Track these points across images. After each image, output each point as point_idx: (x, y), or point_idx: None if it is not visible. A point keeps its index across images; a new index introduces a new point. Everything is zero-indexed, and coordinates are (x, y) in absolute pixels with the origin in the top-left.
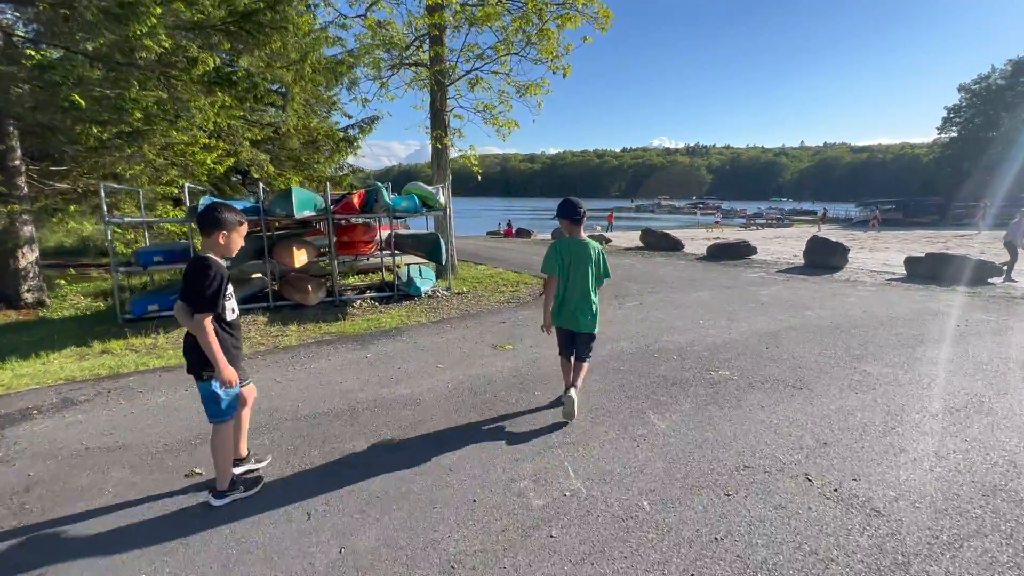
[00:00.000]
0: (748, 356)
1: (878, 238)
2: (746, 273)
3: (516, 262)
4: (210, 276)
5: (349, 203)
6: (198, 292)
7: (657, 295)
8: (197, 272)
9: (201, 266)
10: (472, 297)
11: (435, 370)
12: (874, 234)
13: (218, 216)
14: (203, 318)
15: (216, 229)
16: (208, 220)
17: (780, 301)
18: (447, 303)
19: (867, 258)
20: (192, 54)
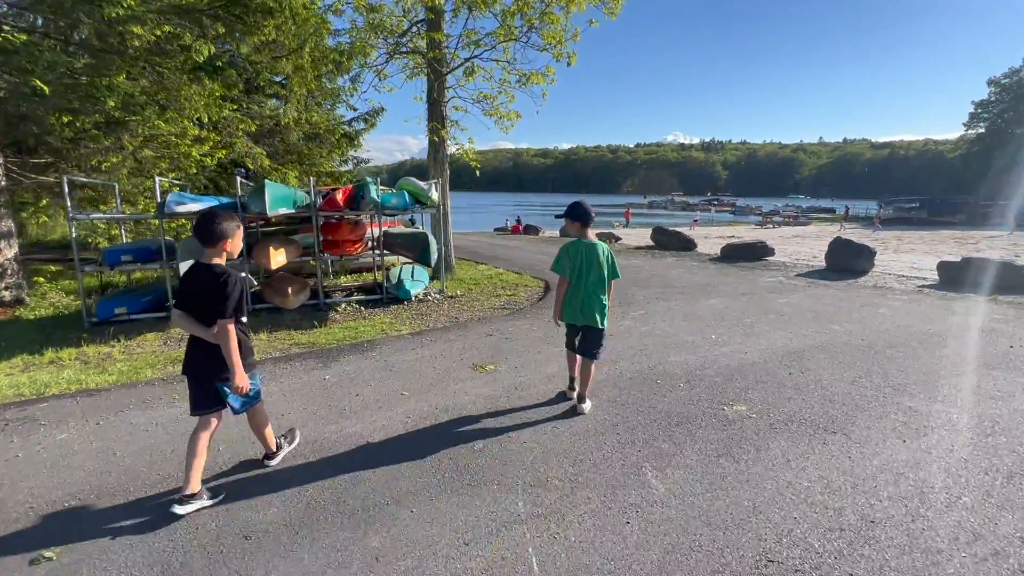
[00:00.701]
0: (768, 384)
1: (901, 238)
2: (763, 277)
3: (519, 261)
4: (230, 286)
5: (332, 199)
6: (223, 300)
7: (665, 303)
8: (219, 284)
9: (220, 279)
10: (465, 301)
11: (398, 398)
12: (885, 232)
13: (220, 227)
14: (227, 323)
15: (220, 240)
16: (210, 233)
17: (802, 312)
18: (436, 308)
19: (892, 260)
20: (186, 42)
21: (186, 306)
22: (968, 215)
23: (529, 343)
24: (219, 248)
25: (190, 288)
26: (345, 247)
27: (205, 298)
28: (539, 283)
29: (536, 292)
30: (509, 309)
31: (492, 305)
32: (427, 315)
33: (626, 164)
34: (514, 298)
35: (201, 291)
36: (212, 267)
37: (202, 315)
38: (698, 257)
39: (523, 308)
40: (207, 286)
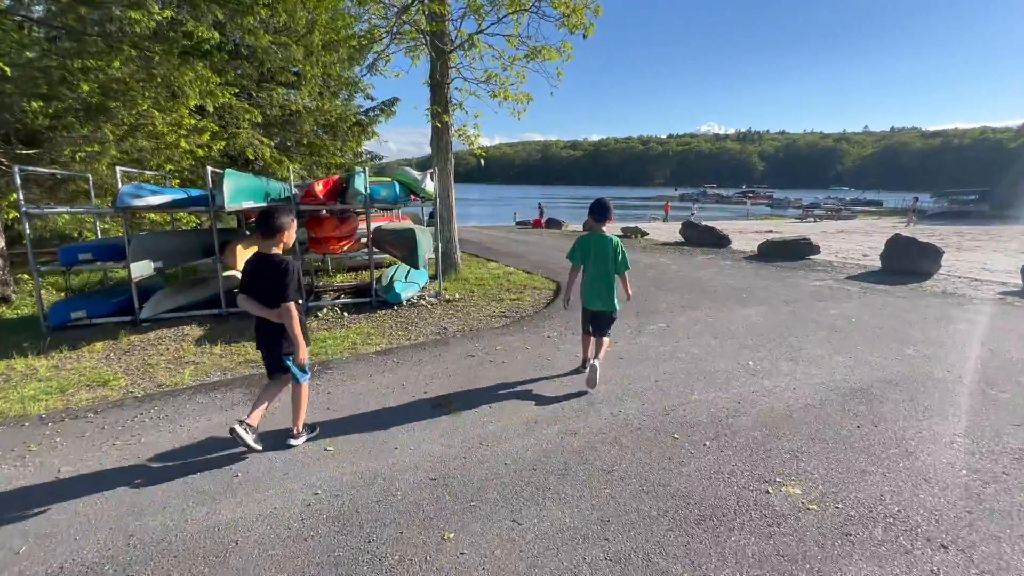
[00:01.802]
0: (829, 444)
1: (962, 234)
2: (808, 279)
3: (533, 259)
4: (290, 272)
5: (311, 191)
6: (285, 286)
7: (691, 313)
8: (281, 272)
9: (281, 267)
10: (462, 307)
11: (316, 460)
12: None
13: (279, 221)
14: (289, 305)
15: (278, 232)
16: (270, 226)
17: (861, 327)
18: (426, 316)
19: (957, 260)
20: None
21: (250, 291)
22: None
23: (516, 368)
24: (277, 239)
25: (254, 275)
26: (329, 244)
27: (268, 283)
28: (550, 285)
29: (544, 296)
30: (508, 319)
31: (490, 312)
32: (412, 325)
33: (658, 155)
34: (518, 303)
35: (264, 277)
36: (272, 256)
37: (265, 298)
38: (731, 255)
39: (524, 317)
40: (269, 273)
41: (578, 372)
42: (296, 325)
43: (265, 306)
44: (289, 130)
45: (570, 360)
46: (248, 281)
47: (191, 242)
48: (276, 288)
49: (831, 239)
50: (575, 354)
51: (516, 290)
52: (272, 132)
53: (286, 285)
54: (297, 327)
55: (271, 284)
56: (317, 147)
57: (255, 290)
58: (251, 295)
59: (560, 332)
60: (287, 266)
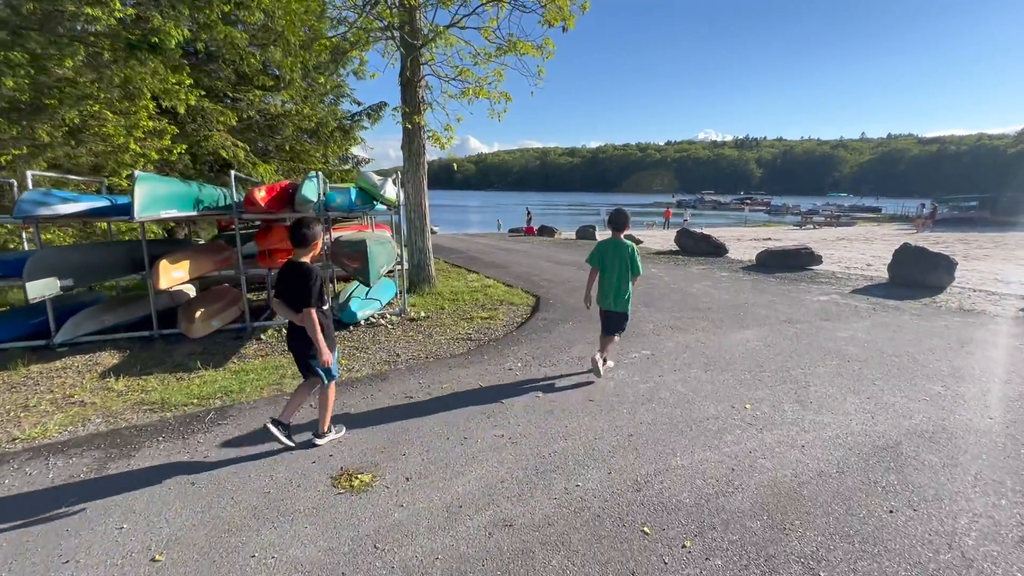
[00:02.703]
0: (856, 544)
1: (967, 241)
2: (811, 294)
3: (518, 270)
4: (314, 279)
5: (251, 198)
6: (308, 292)
7: (681, 336)
8: (305, 278)
9: (307, 273)
10: (425, 328)
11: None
12: (926, 234)
13: (312, 231)
14: (311, 311)
15: (312, 242)
16: (302, 236)
17: (877, 355)
18: (382, 340)
19: (967, 271)
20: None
21: (282, 295)
22: None
23: (458, 417)
24: (309, 248)
25: (284, 280)
26: (277, 258)
27: (294, 289)
28: (528, 300)
29: (520, 313)
30: (472, 343)
31: (455, 334)
32: (360, 352)
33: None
34: (489, 323)
35: (292, 283)
36: (302, 264)
37: (292, 303)
38: (728, 264)
39: (491, 341)
40: (296, 279)
41: (535, 422)
42: (317, 329)
43: (292, 310)
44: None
45: (527, 406)
46: (280, 286)
47: (115, 256)
48: (300, 294)
49: (832, 247)
50: (536, 395)
51: (491, 306)
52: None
53: (309, 291)
54: (318, 331)
55: (297, 290)
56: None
57: (287, 295)
58: (283, 299)
59: (525, 363)
60: (312, 273)
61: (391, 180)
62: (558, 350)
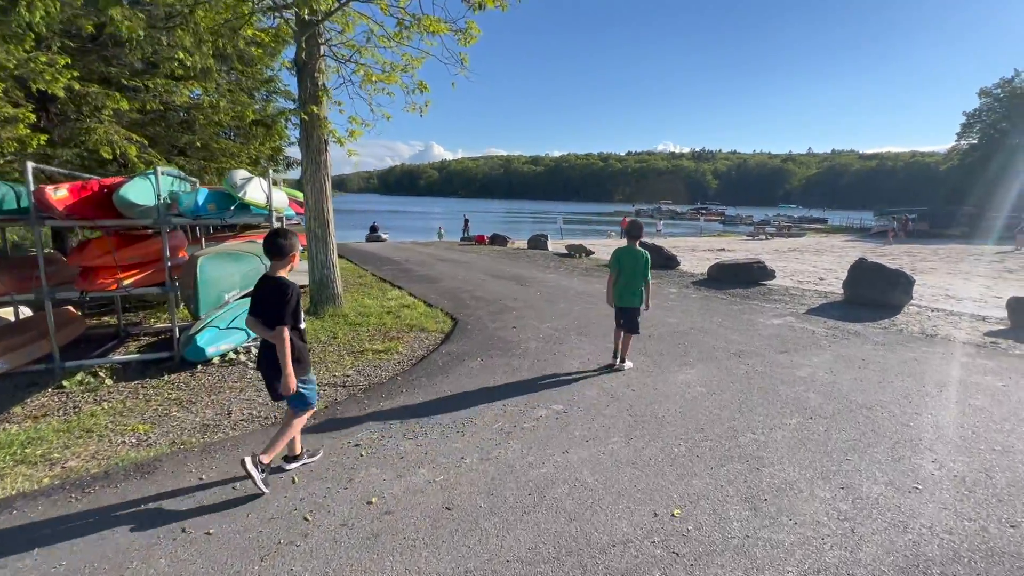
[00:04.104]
0: None
1: (912, 254)
2: (765, 315)
3: (450, 285)
4: (289, 295)
5: (43, 200)
6: (282, 308)
7: (610, 379)
8: (279, 293)
9: (282, 288)
10: None
11: None
12: (900, 247)
13: (288, 243)
14: (283, 330)
15: (288, 254)
16: (279, 249)
17: (846, 406)
18: (225, 387)
19: (919, 285)
20: None
21: (256, 312)
22: (970, 227)
23: (234, 550)
24: (286, 262)
25: (259, 296)
26: (97, 277)
27: (268, 304)
28: (444, 326)
29: (429, 343)
30: (344, 390)
31: (326, 379)
32: (185, 405)
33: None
34: (381, 360)
35: (266, 299)
36: (278, 279)
37: (266, 320)
38: (679, 279)
39: (371, 387)
40: (270, 295)
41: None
42: (287, 350)
43: (267, 328)
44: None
45: (341, 527)
46: (255, 303)
47: None
48: (272, 310)
49: (784, 259)
50: (370, 501)
51: (396, 334)
52: (157, 131)
53: (283, 307)
54: (288, 353)
55: (269, 306)
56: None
57: (261, 311)
58: (257, 317)
59: (379, 436)
60: (288, 289)
61: (259, 180)
62: (442, 407)
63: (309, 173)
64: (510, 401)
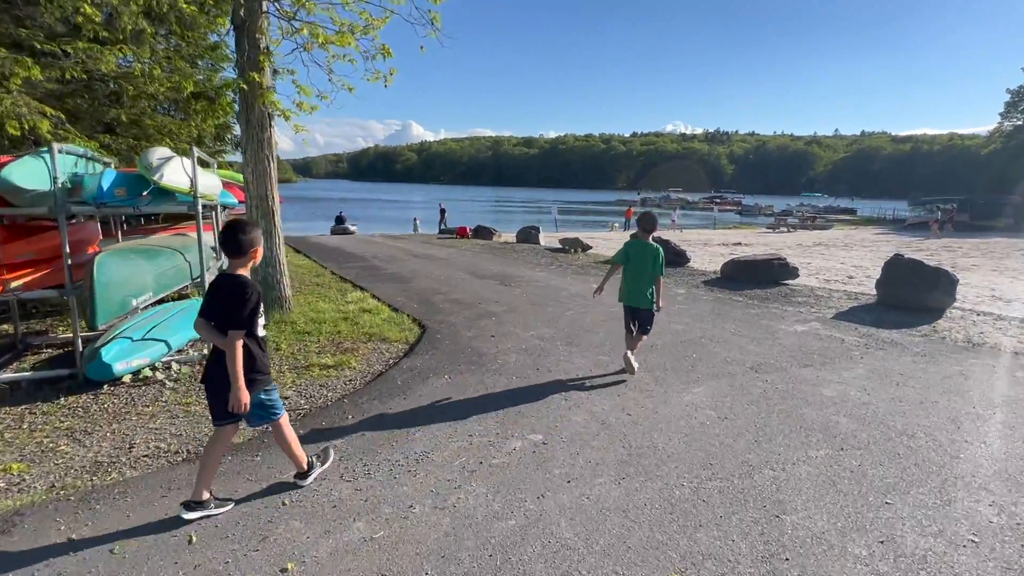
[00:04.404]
0: None
1: (952, 248)
2: (786, 321)
3: (422, 285)
4: (249, 295)
5: None
6: (239, 310)
7: (601, 400)
8: (237, 293)
9: (240, 287)
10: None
11: None
12: (937, 241)
13: (249, 238)
14: (237, 336)
15: (250, 250)
16: (238, 245)
17: (882, 434)
18: (137, 414)
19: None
20: None
21: (209, 314)
22: (1016, 219)
23: None
24: (247, 258)
25: (214, 296)
26: None
27: (224, 307)
28: (409, 334)
29: (390, 355)
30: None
31: None
32: (77, 438)
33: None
34: (329, 378)
35: (222, 300)
36: (235, 277)
37: (220, 324)
38: (689, 277)
39: (318, 412)
40: (228, 294)
41: None
42: (238, 359)
43: (220, 333)
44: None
45: None
46: (208, 303)
47: None
48: (228, 313)
49: (809, 254)
50: (289, 548)
51: (354, 343)
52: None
53: (240, 308)
54: (238, 361)
55: (225, 308)
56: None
57: (214, 313)
58: (209, 319)
59: (310, 487)
60: (248, 288)
61: (182, 160)
62: (394, 439)
63: (250, 153)
64: (479, 430)
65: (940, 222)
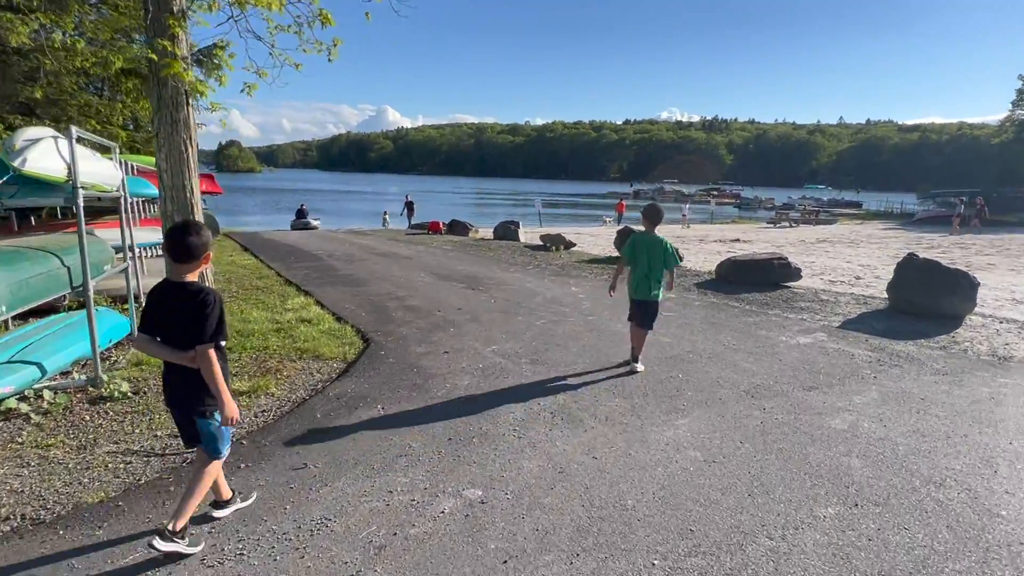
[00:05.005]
0: None
1: (965, 244)
2: (788, 331)
3: (378, 289)
4: (212, 305)
5: None
6: (203, 323)
7: (563, 439)
8: (198, 304)
9: (200, 298)
10: (107, 424)
11: None
12: (949, 238)
13: (200, 241)
14: (207, 349)
15: (201, 255)
16: (188, 249)
17: (905, 481)
18: None
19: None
20: None
21: (154, 329)
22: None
23: None
24: (196, 264)
25: (162, 308)
26: None
27: (181, 319)
28: (351, 349)
29: (324, 373)
30: (172, 460)
31: (152, 440)
32: None
33: (612, 144)
34: (243, 405)
35: (175, 311)
36: (186, 285)
37: (177, 339)
38: (681, 279)
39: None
40: (184, 306)
41: None
42: (217, 374)
43: (177, 348)
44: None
45: None
46: (153, 316)
47: None
48: (192, 325)
49: (812, 252)
50: None
51: (280, 362)
52: None
53: (203, 322)
54: (219, 376)
55: (185, 320)
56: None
57: (163, 328)
58: (154, 334)
59: (166, 558)
60: (209, 297)
61: (57, 140)
62: (290, 497)
63: (162, 136)
64: (403, 484)
65: (963, 216)
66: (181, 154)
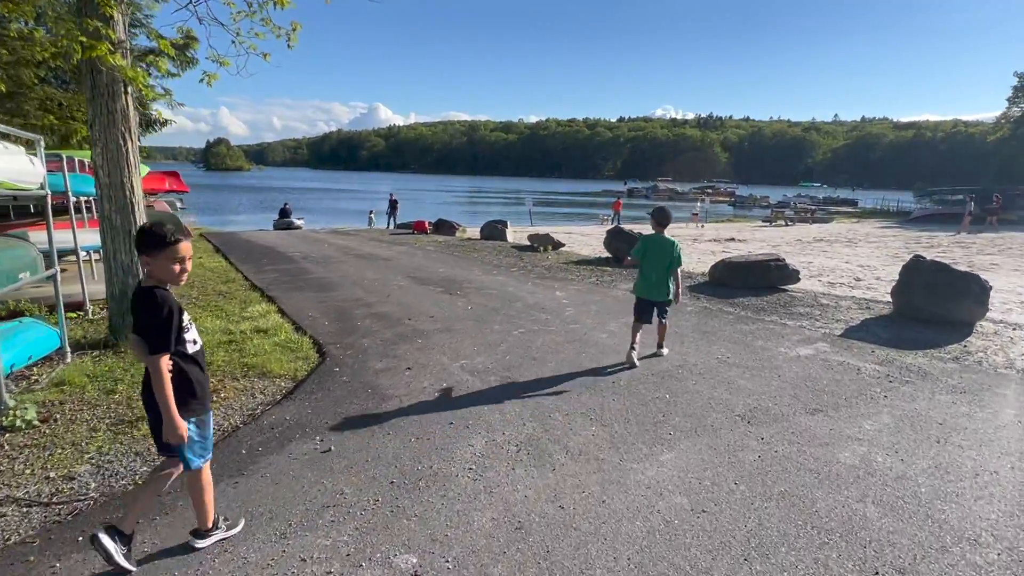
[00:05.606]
0: None
1: (965, 244)
2: (788, 341)
3: (348, 294)
4: (160, 308)
5: None
6: (152, 329)
7: (529, 479)
8: (144, 307)
9: (146, 300)
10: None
11: None
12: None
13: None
14: (157, 359)
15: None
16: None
17: (925, 523)
18: None
19: None
20: None
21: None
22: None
23: None
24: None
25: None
26: None
27: (138, 321)
28: (304, 365)
29: (267, 395)
30: (57, 511)
31: (40, 485)
32: None
33: (607, 142)
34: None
35: (137, 315)
36: (139, 286)
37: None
38: None
39: (101, 508)
40: (139, 310)
41: None
42: (165, 385)
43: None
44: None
45: None
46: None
47: None
48: (143, 331)
49: (809, 252)
50: None
51: (221, 380)
52: None
53: (153, 327)
54: (166, 387)
55: (140, 324)
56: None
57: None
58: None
59: None
60: (157, 300)
61: None
62: (175, 568)
63: (98, 128)
64: (322, 547)
65: (972, 214)
66: (119, 148)
